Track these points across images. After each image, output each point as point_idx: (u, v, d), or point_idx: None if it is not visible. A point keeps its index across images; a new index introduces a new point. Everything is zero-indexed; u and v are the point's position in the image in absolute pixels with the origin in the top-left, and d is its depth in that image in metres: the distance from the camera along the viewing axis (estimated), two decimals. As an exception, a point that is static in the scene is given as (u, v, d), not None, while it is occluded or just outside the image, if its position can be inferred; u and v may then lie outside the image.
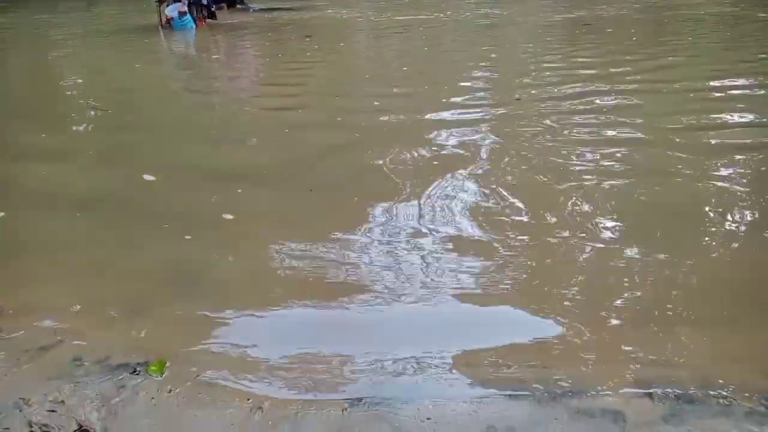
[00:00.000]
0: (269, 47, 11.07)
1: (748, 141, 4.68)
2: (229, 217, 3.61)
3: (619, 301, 2.72)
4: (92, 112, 6.11)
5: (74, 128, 5.75)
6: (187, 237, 3.41)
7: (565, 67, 7.74)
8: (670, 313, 2.63)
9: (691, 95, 5.99)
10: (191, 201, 3.90)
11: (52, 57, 10.05)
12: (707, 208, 3.54)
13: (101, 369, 2.36)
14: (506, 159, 4.46)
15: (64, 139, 5.38)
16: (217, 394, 2.21)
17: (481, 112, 5.71)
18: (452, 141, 4.87)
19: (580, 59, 8.17)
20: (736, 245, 3.16)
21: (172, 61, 9.81)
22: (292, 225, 3.57)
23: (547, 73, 7.43)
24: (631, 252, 3.10)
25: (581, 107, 5.72)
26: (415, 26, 12.82)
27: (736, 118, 5.26)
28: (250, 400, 2.17)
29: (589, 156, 4.42)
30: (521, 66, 8.04)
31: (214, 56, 10.36)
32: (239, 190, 4.01)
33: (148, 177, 4.23)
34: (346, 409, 2.13)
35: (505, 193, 3.85)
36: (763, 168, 4.13)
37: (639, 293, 2.77)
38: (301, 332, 2.59)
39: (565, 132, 4.98)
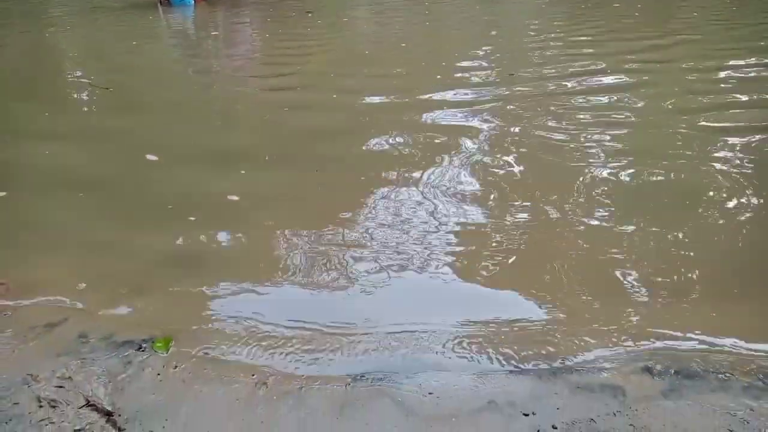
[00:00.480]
0: (270, 24, 10.93)
1: (742, 124, 4.65)
2: (235, 198, 3.60)
3: (618, 278, 2.74)
4: (92, 91, 6.04)
5: (76, 107, 5.71)
6: (191, 218, 3.41)
7: (567, 45, 7.65)
8: (670, 289, 2.65)
9: (695, 76, 5.93)
10: (194, 182, 3.88)
11: (49, 34, 9.93)
12: (709, 187, 3.53)
13: (107, 346, 2.39)
14: (506, 138, 4.44)
15: (66, 119, 5.34)
16: (222, 370, 2.24)
17: (482, 91, 5.65)
18: (453, 120, 4.84)
19: (582, 38, 8.06)
20: (737, 222, 3.16)
21: (170, 38, 9.68)
22: (297, 205, 3.56)
23: (550, 52, 7.34)
24: (631, 229, 3.11)
25: (581, 86, 5.66)
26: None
27: (741, 98, 5.21)
28: (255, 376, 2.20)
29: (589, 136, 4.39)
30: (522, 44, 7.93)
31: (213, 32, 10.23)
32: (242, 171, 3.99)
33: (151, 157, 4.21)
34: (349, 384, 2.16)
35: (505, 172, 3.85)
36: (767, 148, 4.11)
37: (638, 270, 2.79)
38: (305, 309, 2.61)
39: (564, 111, 4.95)
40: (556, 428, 1.92)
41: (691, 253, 2.91)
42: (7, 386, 2.14)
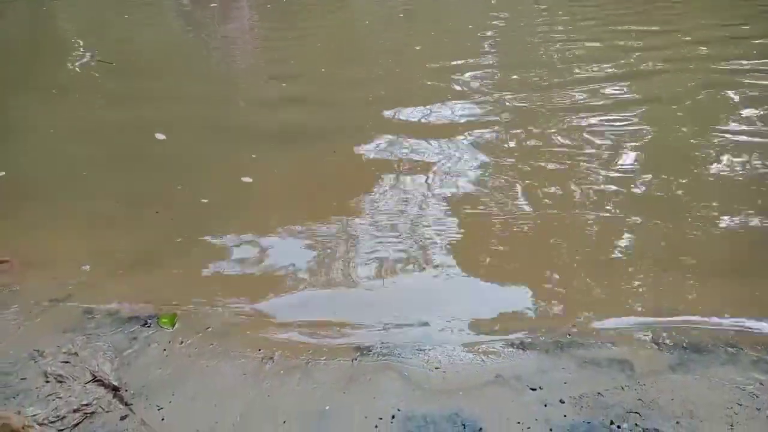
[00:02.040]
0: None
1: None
2: (248, 179, 3.51)
3: (626, 253, 2.71)
4: (96, 66, 5.93)
5: (80, 84, 5.60)
6: (203, 199, 3.38)
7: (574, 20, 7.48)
8: (678, 265, 2.62)
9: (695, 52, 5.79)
10: (201, 161, 3.83)
11: (48, 7, 9.76)
12: (716, 166, 3.48)
13: (112, 321, 2.39)
14: (507, 123, 4.37)
15: (70, 96, 5.25)
16: (228, 345, 2.24)
17: (483, 76, 5.53)
18: (462, 109, 4.73)
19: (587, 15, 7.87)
20: (744, 199, 3.11)
21: (169, 13, 9.51)
22: (311, 189, 3.47)
23: (558, 27, 7.18)
24: (637, 207, 3.07)
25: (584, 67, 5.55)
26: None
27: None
28: (262, 351, 2.20)
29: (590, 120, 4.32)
30: (525, 31, 7.74)
31: (212, 4, 10.01)
32: (253, 155, 3.88)
33: (159, 136, 4.13)
34: (356, 359, 2.16)
35: (509, 157, 3.80)
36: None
37: (646, 246, 2.76)
38: (313, 288, 2.59)
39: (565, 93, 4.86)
40: (563, 402, 1.91)
41: (701, 231, 2.87)
42: (14, 361, 2.14)
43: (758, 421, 1.81)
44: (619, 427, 1.81)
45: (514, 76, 5.21)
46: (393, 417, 1.88)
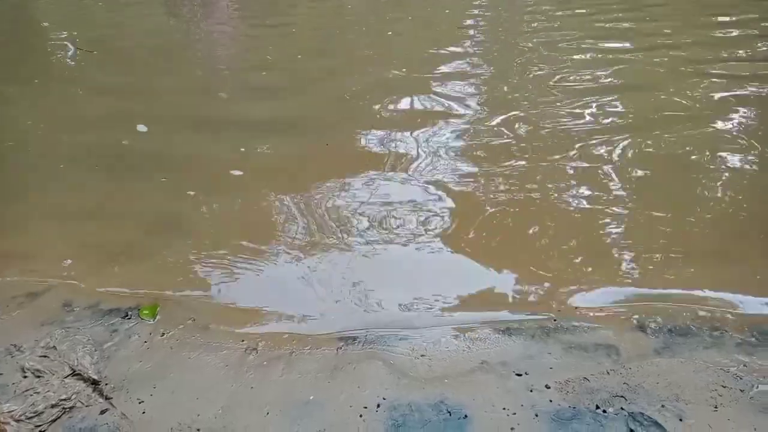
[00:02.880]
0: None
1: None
2: (234, 170, 3.44)
3: (612, 237, 2.71)
4: (76, 54, 5.80)
5: (60, 73, 5.47)
6: (190, 192, 3.31)
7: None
8: (663, 248, 2.62)
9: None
10: (183, 149, 3.76)
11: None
12: (705, 150, 3.47)
13: (92, 314, 2.34)
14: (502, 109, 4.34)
15: (50, 86, 5.13)
16: (210, 337, 2.20)
17: (474, 62, 5.50)
18: (450, 91, 4.69)
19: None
20: (731, 181, 3.12)
21: (152, 2, 9.32)
22: (293, 173, 3.44)
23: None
24: (623, 192, 3.06)
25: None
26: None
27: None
28: (244, 342, 2.17)
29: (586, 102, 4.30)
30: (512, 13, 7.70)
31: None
32: (240, 144, 3.85)
33: (141, 128, 4.03)
34: (340, 348, 2.13)
35: (493, 145, 3.78)
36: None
37: (632, 229, 2.75)
38: (295, 276, 2.56)
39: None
40: (549, 387, 1.90)
41: (685, 214, 2.87)
42: (-10, 357, 2.09)
43: (742, 402, 1.81)
44: (604, 411, 1.80)
45: (499, 67, 5.17)
46: (378, 406, 1.86)
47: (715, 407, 1.80)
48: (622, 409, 1.81)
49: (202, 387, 1.94)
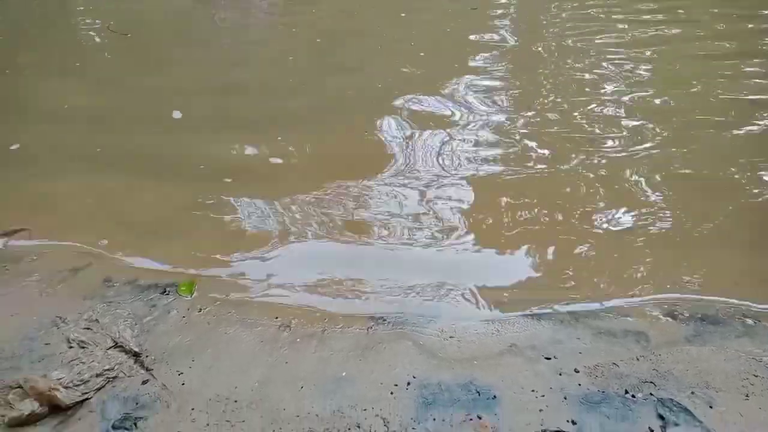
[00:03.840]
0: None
1: None
2: (278, 161, 3.42)
3: (642, 225, 2.69)
4: (109, 36, 5.84)
5: (94, 56, 5.54)
6: (227, 179, 3.37)
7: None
8: (695, 236, 2.60)
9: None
10: (218, 138, 3.79)
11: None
12: (733, 131, 3.41)
13: (131, 289, 2.43)
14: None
15: (84, 69, 5.18)
16: (246, 313, 2.27)
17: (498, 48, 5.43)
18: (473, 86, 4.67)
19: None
20: (760, 165, 3.05)
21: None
22: (332, 165, 3.37)
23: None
24: (654, 177, 3.02)
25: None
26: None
27: None
28: (279, 319, 2.23)
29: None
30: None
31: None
32: (279, 138, 3.80)
33: (176, 114, 4.06)
34: (371, 328, 2.18)
35: (521, 129, 3.75)
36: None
37: (662, 217, 2.73)
38: (328, 259, 2.60)
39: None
40: (578, 372, 1.92)
41: (718, 201, 2.83)
42: (37, 327, 2.19)
43: (774, 392, 1.81)
44: (633, 396, 1.82)
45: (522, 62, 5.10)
46: (408, 384, 1.91)
47: (747, 396, 1.80)
48: (651, 394, 1.82)
49: (239, 361, 2.01)
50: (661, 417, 1.74)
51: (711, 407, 1.77)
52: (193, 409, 1.81)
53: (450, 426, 1.75)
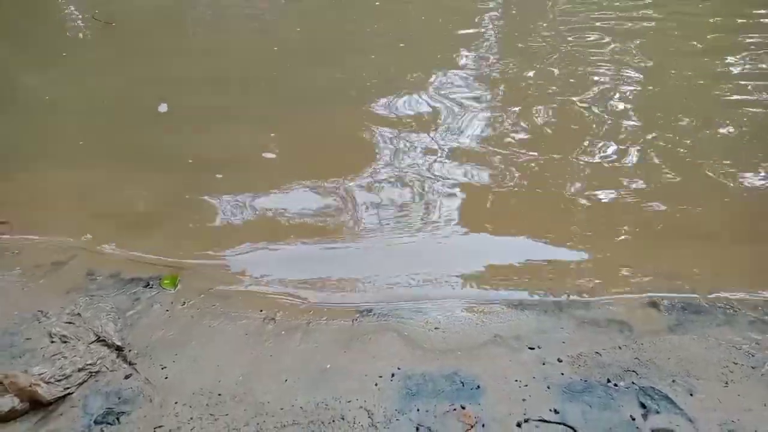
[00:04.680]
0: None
1: None
2: (270, 156, 3.40)
3: (624, 217, 2.70)
4: (93, 25, 5.71)
5: (76, 46, 5.43)
6: (217, 174, 3.34)
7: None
8: (677, 228, 2.62)
9: None
10: (207, 128, 3.75)
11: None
12: (716, 120, 3.42)
13: (115, 283, 2.40)
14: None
15: (65, 59, 5.09)
16: (230, 306, 2.26)
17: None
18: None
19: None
20: (741, 160, 3.07)
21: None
22: (320, 160, 3.34)
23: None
24: (639, 172, 3.03)
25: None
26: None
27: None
28: (263, 311, 2.22)
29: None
30: None
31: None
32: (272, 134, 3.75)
33: (162, 107, 3.99)
34: (356, 320, 2.18)
35: (507, 117, 3.74)
36: None
37: (644, 209, 2.74)
38: (314, 252, 2.59)
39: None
40: (561, 361, 1.94)
41: (698, 192, 2.85)
42: (18, 322, 2.17)
43: (753, 379, 1.84)
44: (615, 385, 1.84)
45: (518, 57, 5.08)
46: (393, 375, 1.91)
47: (726, 383, 1.82)
48: (633, 383, 1.84)
49: (223, 354, 2.00)
50: (643, 405, 1.76)
51: (691, 395, 1.79)
52: (176, 403, 1.81)
53: (434, 416, 1.76)
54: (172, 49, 5.16)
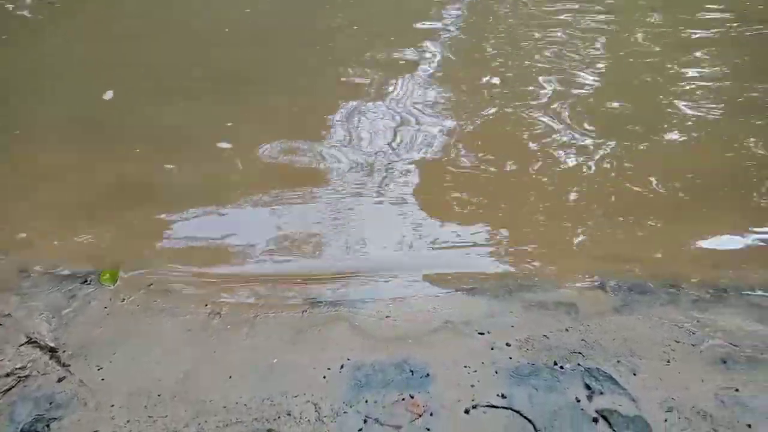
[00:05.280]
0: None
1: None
2: (186, 129, 3.28)
3: (571, 199, 2.72)
4: (33, 6, 5.40)
5: (14, 27, 5.10)
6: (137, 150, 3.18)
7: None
8: (621, 210, 2.64)
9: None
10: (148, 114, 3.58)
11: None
12: (669, 98, 3.48)
13: (50, 279, 2.28)
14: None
15: (14, 41, 4.77)
16: (173, 302, 2.17)
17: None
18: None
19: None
20: (690, 140, 3.14)
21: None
22: (253, 132, 3.30)
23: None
24: (582, 151, 3.05)
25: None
26: None
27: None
28: (208, 306, 2.14)
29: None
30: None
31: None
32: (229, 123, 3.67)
33: (108, 94, 3.78)
34: (306, 311, 2.13)
35: (464, 99, 3.71)
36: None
37: (590, 191, 2.76)
38: (263, 243, 2.51)
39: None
40: (509, 345, 1.94)
41: (644, 174, 2.89)
42: (-59, 326, 2.03)
43: (693, 356, 1.88)
44: (562, 367, 1.85)
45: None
46: (342, 367, 1.88)
47: (668, 362, 1.86)
48: (578, 365, 1.86)
49: (164, 352, 1.92)
50: (588, 387, 1.78)
51: (634, 374, 1.82)
52: (112, 405, 1.73)
53: (382, 407, 1.74)
54: (119, 33, 4.90)
